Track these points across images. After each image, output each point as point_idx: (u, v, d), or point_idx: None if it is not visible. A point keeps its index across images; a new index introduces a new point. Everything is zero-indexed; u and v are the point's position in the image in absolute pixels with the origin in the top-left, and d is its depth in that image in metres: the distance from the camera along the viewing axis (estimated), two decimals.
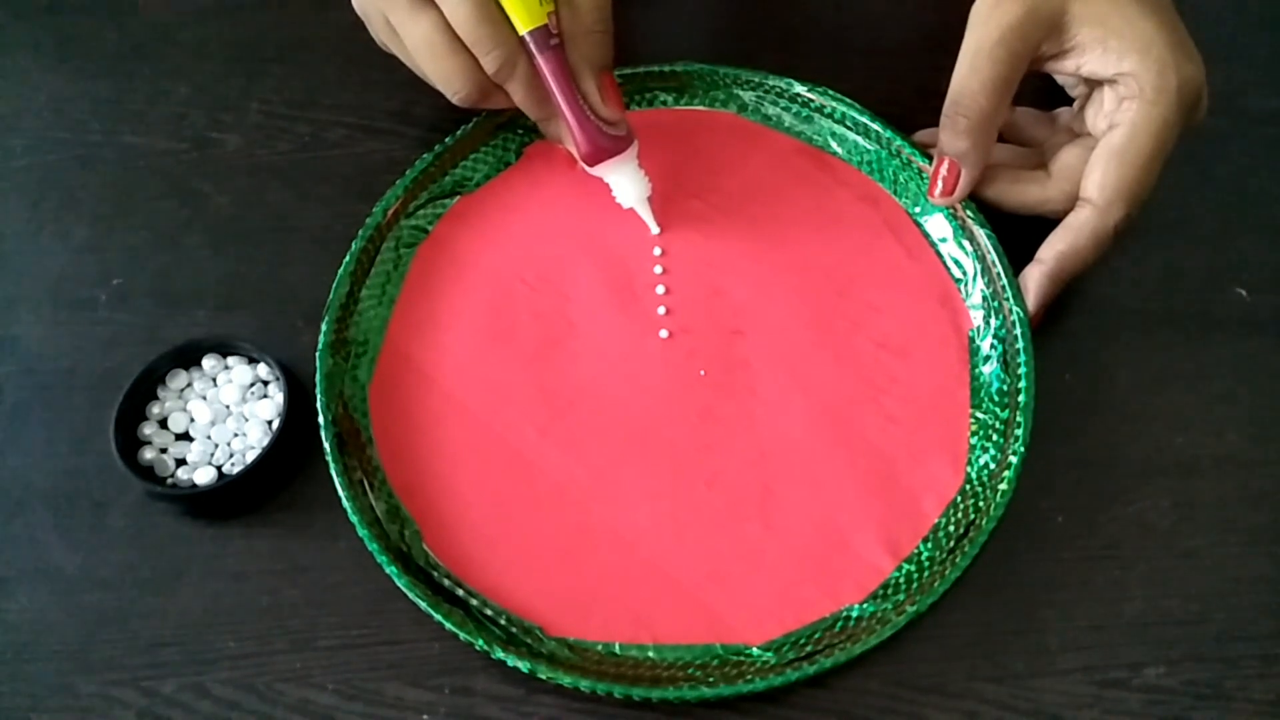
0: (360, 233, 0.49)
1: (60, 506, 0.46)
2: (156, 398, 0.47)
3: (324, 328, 0.47)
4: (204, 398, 0.47)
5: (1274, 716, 0.41)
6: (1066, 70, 0.48)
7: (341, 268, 0.49)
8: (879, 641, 0.41)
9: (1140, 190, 0.46)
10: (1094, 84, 0.48)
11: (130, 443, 0.46)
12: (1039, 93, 0.52)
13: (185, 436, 0.47)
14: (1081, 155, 0.47)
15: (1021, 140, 0.51)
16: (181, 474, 0.46)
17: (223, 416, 0.47)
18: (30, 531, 0.45)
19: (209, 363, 0.48)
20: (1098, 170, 0.46)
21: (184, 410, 0.47)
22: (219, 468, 0.46)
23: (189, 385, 0.48)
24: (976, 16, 0.47)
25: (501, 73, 0.47)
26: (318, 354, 0.47)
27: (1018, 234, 0.48)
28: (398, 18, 0.46)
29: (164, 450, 0.46)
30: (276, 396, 0.47)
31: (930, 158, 0.50)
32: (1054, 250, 0.47)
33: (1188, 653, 0.43)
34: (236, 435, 0.46)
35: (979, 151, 0.47)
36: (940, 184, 0.49)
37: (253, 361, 0.48)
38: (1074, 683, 0.42)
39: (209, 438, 0.46)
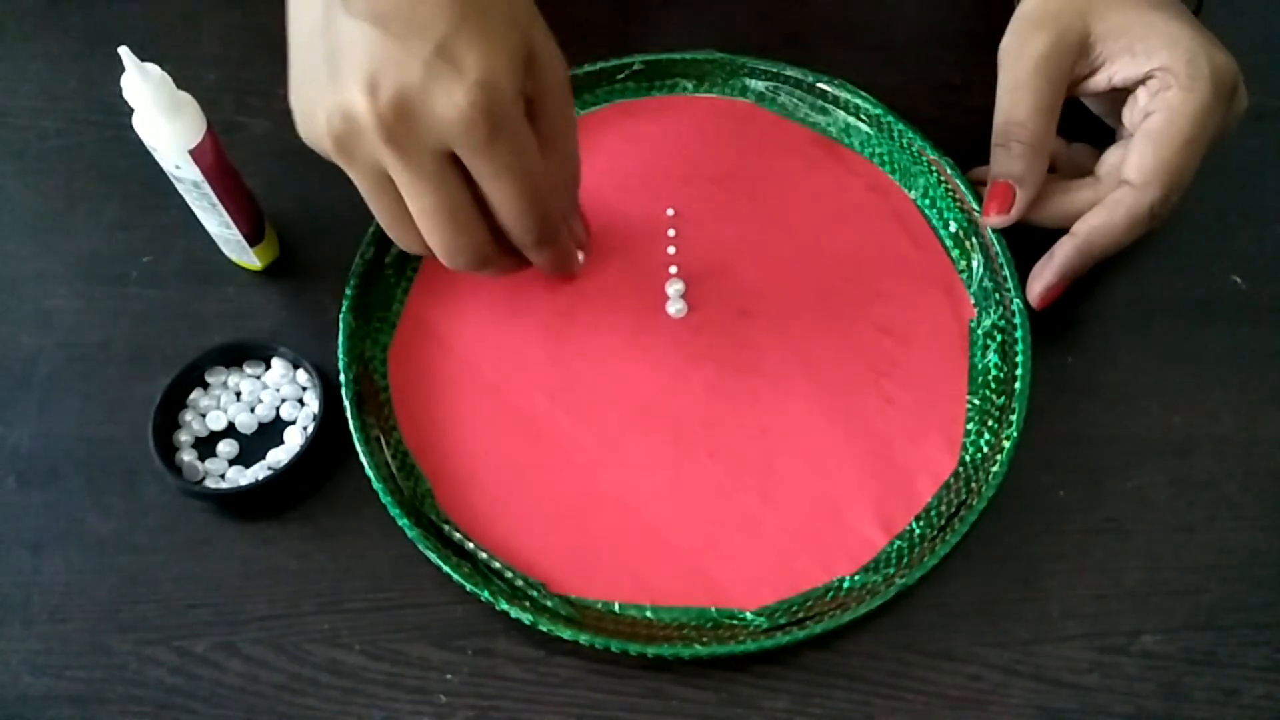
0: None
1: (94, 475, 0.47)
2: (189, 403, 0.48)
3: (348, 291, 0.49)
4: (238, 395, 0.48)
5: (1265, 682, 0.43)
6: (1099, 86, 0.48)
7: (366, 235, 0.50)
8: (868, 610, 0.43)
9: (1176, 172, 0.45)
10: (1129, 92, 0.48)
11: (167, 444, 0.47)
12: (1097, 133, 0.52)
13: (220, 437, 0.47)
14: (1125, 151, 0.47)
15: (1080, 174, 0.50)
16: (212, 470, 0.46)
17: (256, 421, 0.48)
18: (65, 498, 0.46)
19: (248, 366, 0.49)
20: (1135, 152, 0.46)
21: (219, 412, 0.48)
22: (262, 466, 0.47)
23: (224, 385, 0.48)
24: (1006, 55, 0.48)
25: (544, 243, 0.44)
26: (341, 315, 0.48)
27: (1021, 228, 0.49)
28: (409, 180, 0.39)
29: (198, 451, 0.47)
30: (312, 404, 0.48)
31: (980, 196, 0.49)
32: (1087, 224, 0.46)
33: (1184, 621, 0.44)
34: (270, 444, 0.47)
35: (1033, 173, 0.47)
36: (995, 204, 0.48)
37: (291, 365, 0.48)
38: (1075, 648, 0.43)
39: (244, 443, 0.47)
